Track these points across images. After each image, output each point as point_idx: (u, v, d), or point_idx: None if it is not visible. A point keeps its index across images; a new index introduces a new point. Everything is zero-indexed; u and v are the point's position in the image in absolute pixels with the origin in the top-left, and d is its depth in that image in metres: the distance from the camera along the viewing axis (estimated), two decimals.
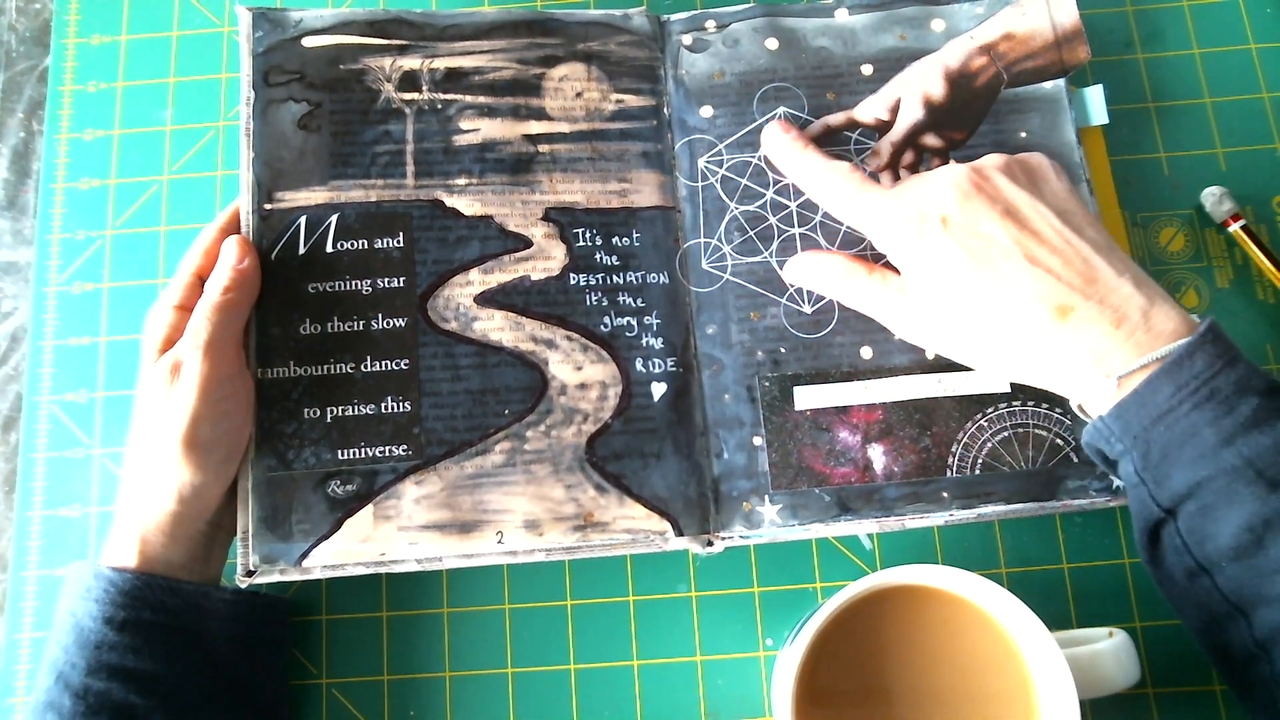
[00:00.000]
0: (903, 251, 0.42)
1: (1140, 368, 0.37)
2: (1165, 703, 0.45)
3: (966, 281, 0.40)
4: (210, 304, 0.42)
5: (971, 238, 0.40)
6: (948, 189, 0.41)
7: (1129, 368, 0.37)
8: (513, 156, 0.48)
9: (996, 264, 0.40)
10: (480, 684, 0.46)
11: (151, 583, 0.40)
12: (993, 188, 0.41)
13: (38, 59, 0.57)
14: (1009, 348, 0.40)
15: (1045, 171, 0.42)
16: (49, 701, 0.39)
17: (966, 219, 0.40)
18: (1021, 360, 0.41)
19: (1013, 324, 0.39)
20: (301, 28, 0.48)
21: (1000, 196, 0.41)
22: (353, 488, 0.44)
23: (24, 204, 0.55)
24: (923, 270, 0.41)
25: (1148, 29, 0.54)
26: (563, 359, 0.46)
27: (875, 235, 0.44)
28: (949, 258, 0.40)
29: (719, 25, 0.50)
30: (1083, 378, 0.39)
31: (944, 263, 0.41)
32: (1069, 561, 0.47)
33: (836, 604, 0.39)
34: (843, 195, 0.44)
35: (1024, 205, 0.40)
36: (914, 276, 0.42)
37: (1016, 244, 0.39)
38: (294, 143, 0.47)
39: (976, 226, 0.40)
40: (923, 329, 0.43)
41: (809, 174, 0.45)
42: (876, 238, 0.44)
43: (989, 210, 0.40)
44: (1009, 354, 0.41)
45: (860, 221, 0.44)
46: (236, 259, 0.44)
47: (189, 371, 0.41)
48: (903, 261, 0.42)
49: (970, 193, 0.41)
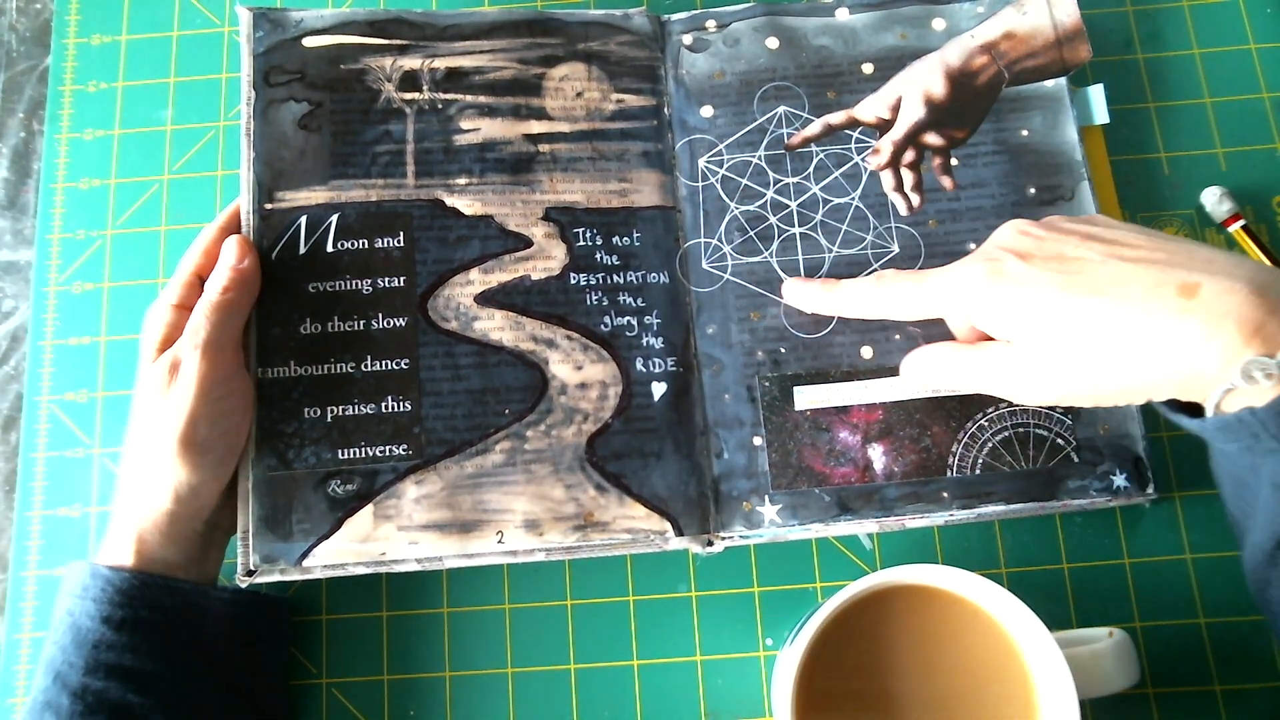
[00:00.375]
0: (987, 304, 0.39)
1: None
2: (1165, 703, 0.45)
3: (1068, 305, 0.37)
4: (210, 303, 0.42)
5: (1057, 263, 0.38)
6: (1014, 235, 0.40)
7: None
8: (513, 156, 0.48)
9: (1094, 275, 0.37)
10: (480, 684, 0.46)
11: (150, 582, 0.40)
12: (1063, 225, 0.39)
13: (38, 59, 0.57)
14: (1137, 357, 0.36)
15: (1108, 220, 0.40)
16: (46, 701, 0.38)
17: (1046, 250, 0.38)
18: (1154, 366, 0.35)
19: (1137, 328, 0.35)
20: (302, 28, 0.48)
21: (1073, 229, 0.39)
22: (353, 487, 0.44)
23: (24, 204, 0.55)
24: (1016, 312, 0.38)
25: (1148, 29, 0.54)
26: (563, 358, 0.46)
27: (953, 308, 0.41)
28: (1040, 286, 0.38)
29: (719, 25, 0.50)
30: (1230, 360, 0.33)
31: (1037, 294, 0.38)
32: (1069, 561, 0.47)
33: (836, 604, 0.39)
34: (903, 293, 0.42)
35: (1098, 230, 0.39)
36: (1010, 325, 0.39)
37: (1109, 254, 0.37)
38: (294, 142, 0.47)
39: (1060, 253, 0.38)
40: (1042, 381, 0.39)
41: (857, 299, 0.44)
42: (955, 310, 0.41)
43: (1066, 239, 0.38)
44: (1138, 365, 0.36)
45: (932, 304, 0.42)
46: (236, 259, 0.44)
47: (187, 371, 0.41)
48: (992, 315, 0.39)
49: (1041, 233, 0.39)
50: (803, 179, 0.49)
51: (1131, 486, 0.45)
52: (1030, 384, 0.39)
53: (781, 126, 0.49)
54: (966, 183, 0.48)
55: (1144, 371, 0.36)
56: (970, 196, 0.48)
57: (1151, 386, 0.36)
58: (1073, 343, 0.37)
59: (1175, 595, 0.46)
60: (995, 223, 0.47)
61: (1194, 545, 0.47)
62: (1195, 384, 0.35)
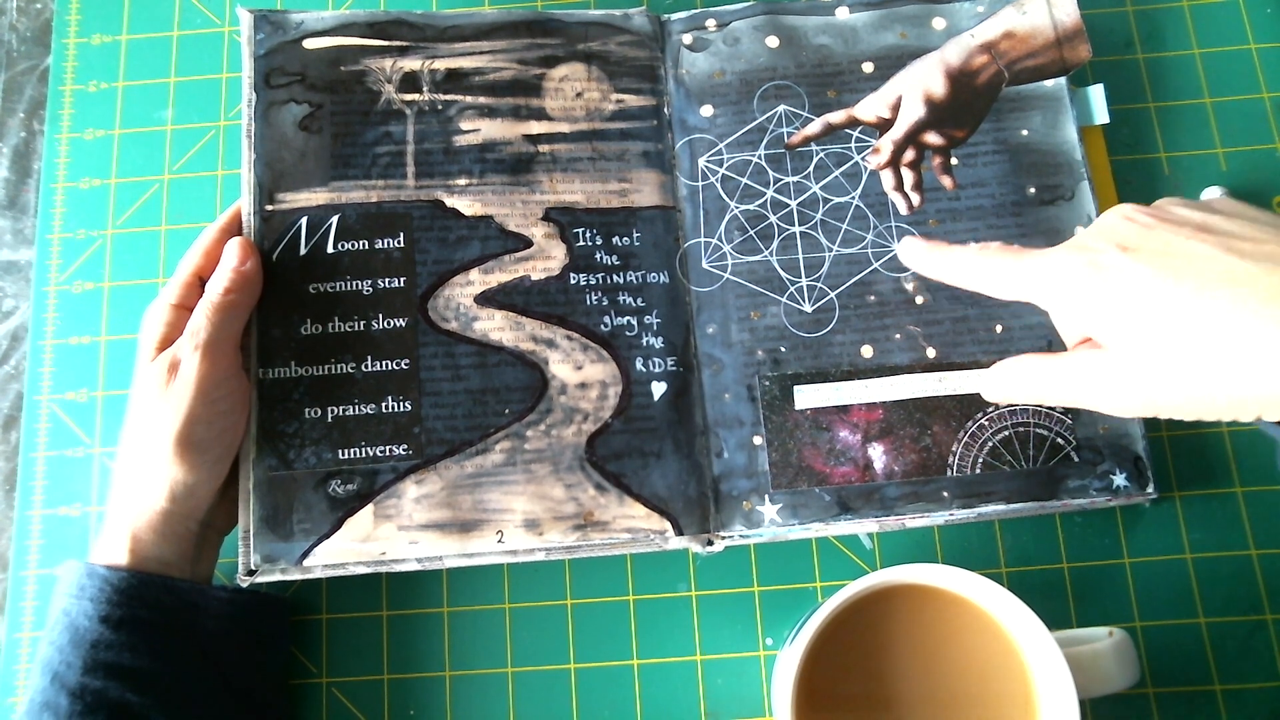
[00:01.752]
0: (1082, 301, 0.36)
1: None
2: (1165, 703, 0.45)
3: (1173, 306, 0.33)
4: (210, 304, 0.42)
5: (1164, 257, 0.34)
6: (1119, 222, 0.36)
7: None
8: (513, 156, 0.48)
9: (1205, 273, 0.33)
10: (480, 683, 0.47)
11: (147, 580, 0.40)
12: (1175, 212, 0.35)
13: (38, 59, 0.57)
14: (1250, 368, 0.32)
15: (1230, 201, 0.36)
16: (44, 701, 0.38)
17: (1152, 243, 0.34)
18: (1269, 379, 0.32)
19: (1248, 336, 0.31)
20: (302, 29, 0.48)
21: (1185, 219, 0.35)
22: (353, 487, 0.44)
23: (25, 203, 0.55)
24: (1113, 311, 0.35)
25: (1148, 29, 0.54)
26: (563, 358, 0.46)
27: (1046, 299, 0.37)
28: (1143, 283, 0.34)
29: (719, 24, 0.50)
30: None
31: (1140, 291, 0.34)
32: (1069, 561, 0.47)
33: (836, 603, 0.39)
34: (999, 271, 0.39)
35: (1215, 220, 0.34)
36: (1106, 325, 0.35)
37: (1222, 249, 0.33)
38: (295, 144, 0.47)
39: (1167, 247, 0.34)
40: (1140, 390, 0.35)
41: (956, 267, 0.41)
42: (1050, 300, 0.38)
43: (1176, 231, 0.34)
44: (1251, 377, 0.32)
45: (1026, 290, 0.39)
46: (238, 261, 0.44)
47: (186, 370, 0.41)
48: (1087, 313, 0.36)
49: (1148, 221, 0.35)
50: (803, 178, 0.49)
51: (1131, 486, 0.45)
52: (1126, 393, 0.35)
53: (781, 125, 0.49)
54: (966, 182, 0.48)
55: (1257, 384, 0.32)
56: (970, 196, 0.48)
57: (1262, 401, 0.32)
58: (1177, 348, 0.33)
59: (1175, 595, 0.46)
60: (995, 222, 0.47)
61: (1194, 545, 0.47)
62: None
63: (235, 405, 0.43)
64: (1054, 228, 0.47)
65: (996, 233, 0.47)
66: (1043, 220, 0.47)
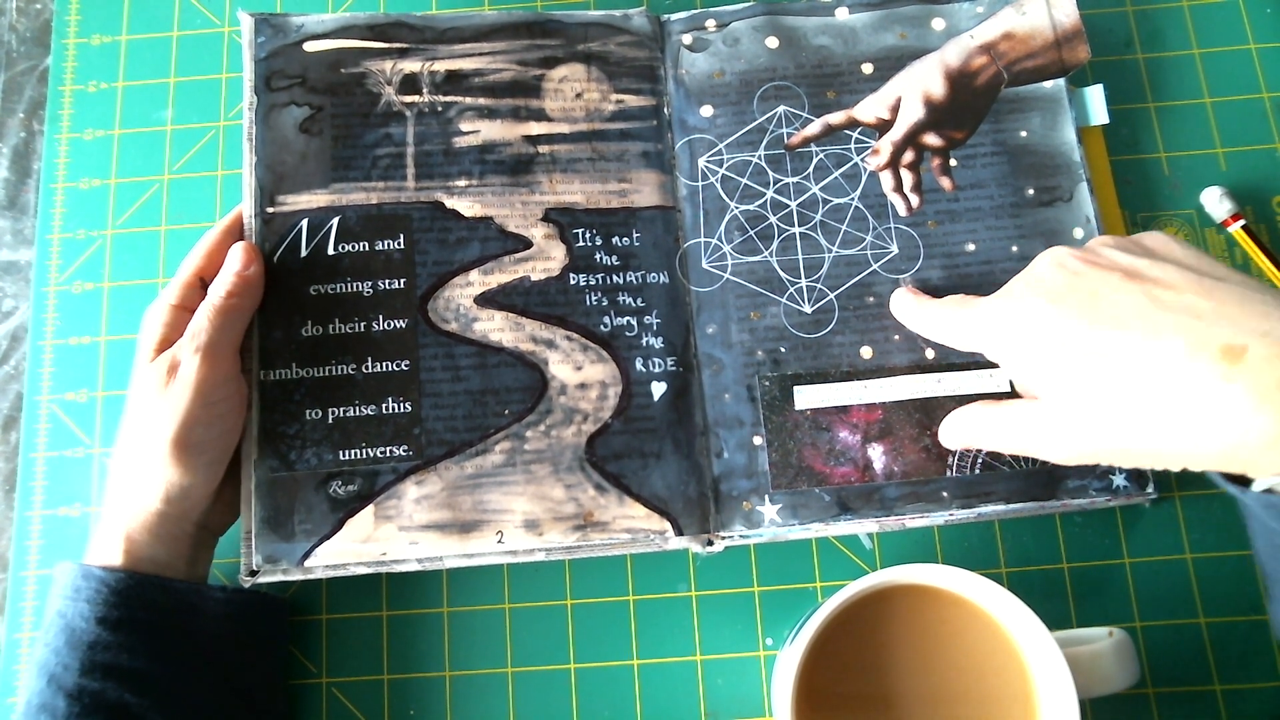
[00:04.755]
0: (1010, 351, 0.37)
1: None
2: (1165, 703, 0.45)
3: (1096, 361, 0.34)
4: (212, 307, 0.42)
5: (1090, 308, 0.34)
6: (1048, 270, 0.36)
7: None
8: (513, 158, 0.48)
9: (1129, 325, 0.33)
10: (480, 684, 0.47)
11: (144, 581, 0.40)
12: (1104, 258, 0.36)
13: (38, 59, 0.57)
14: (1173, 423, 0.32)
15: (1163, 242, 0.36)
16: (42, 704, 0.38)
17: (1078, 292, 0.35)
18: (1192, 434, 0.32)
19: (1172, 391, 0.32)
20: (303, 32, 0.48)
21: (1116, 264, 0.35)
22: (354, 488, 0.44)
23: (24, 204, 0.55)
24: (1040, 363, 0.36)
25: (1148, 29, 0.54)
26: (562, 359, 0.46)
27: (989, 345, 0.39)
28: (1066, 335, 0.35)
29: (719, 24, 0.50)
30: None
31: (1062, 343, 0.35)
32: (1069, 561, 0.47)
33: (836, 604, 0.39)
34: (949, 318, 0.41)
35: (1142, 265, 0.34)
36: (1034, 377, 0.36)
37: (1148, 299, 0.33)
38: (296, 147, 0.47)
39: (1093, 296, 0.34)
40: (1072, 439, 0.36)
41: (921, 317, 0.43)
42: (990, 348, 0.39)
43: (1106, 276, 0.35)
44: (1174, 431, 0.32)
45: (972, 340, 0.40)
46: (242, 265, 0.44)
47: (186, 372, 0.41)
48: (1015, 365, 0.37)
49: (1077, 268, 0.36)
50: (802, 179, 0.49)
51: (1131, 486, 0.45)
52: (1060, 442, 0.36)
53: (781, 126, 0.49)
54: (965, 183, 0.48)
55: (1181, 438, 0.32)
56: (969, 197, 0.48)
57: (1189, 455, 0.32)
58: (1102, 402, 0.34)
59: (1175, 595, 0.46)
60: (994, 223, 0.47)
61: (1194, 545, 0.47)
62: (1239, 457, 0.31)
63: (233, 408, 0.43)
64: (1053, 229, 0.47)
65: (995, 234, 0.47)
66: (1041, 221, 0.48)
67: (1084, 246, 0.37)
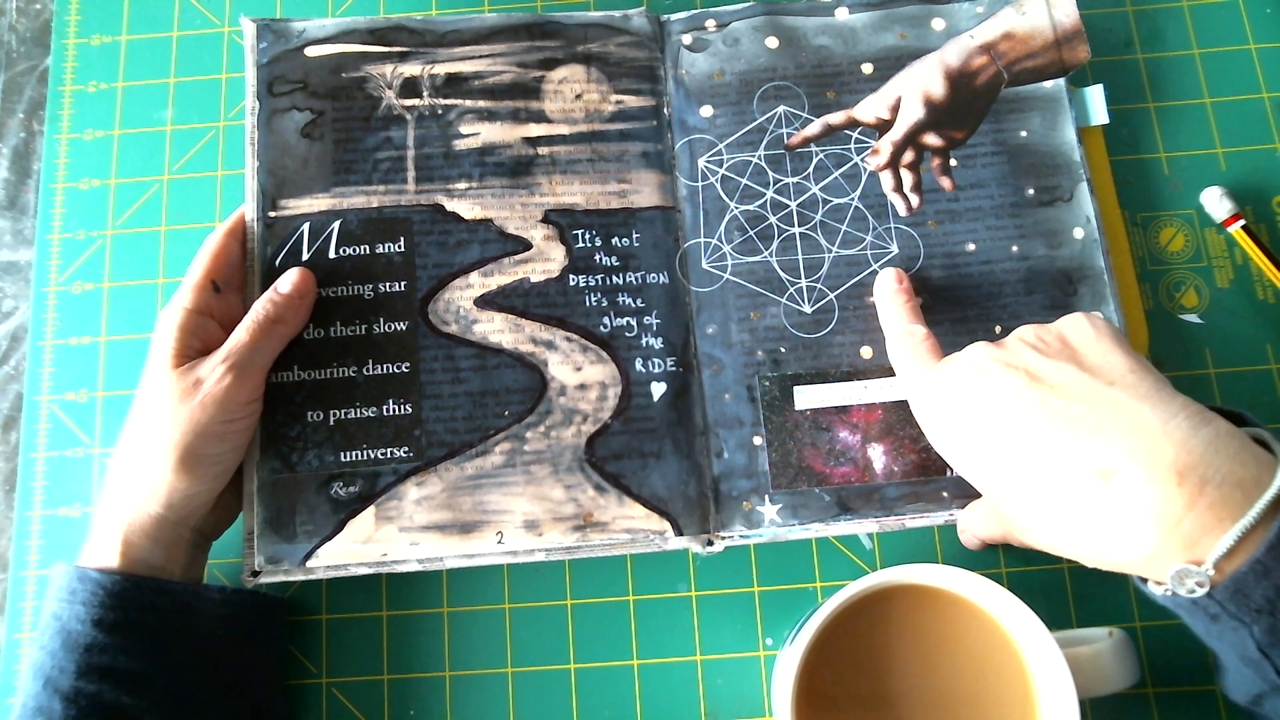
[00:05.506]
0: (932, 433, 0.40)
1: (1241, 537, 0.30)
2: (1165, 703, 0.45)
3: (997, 462, 0.36)
4: (256, 324, 0.43)
5: (991, 413, 0.36)
6: (966, 367, 0.38)
7: (1226, 544, 0.30)
8: (512, 159, 0.48)
9: (1019, 431, 0.35)
10: (480, 684, 0.47)
11: (141, 583, 0.40)
12: (1013, 356, 0.37)
13: (38, 59, 0.57)
14: (1072, 534, 0.35)
15: (1080, 332, 0.37)
16: (38, 707, 0.38)
17: (986, 392, 0.37)
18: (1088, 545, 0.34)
19: (1058, 503, 0.34)
20: (304, 38, 0.48)
21: (1021, 362, 0.37)
22: (355, 489, 0.44)
23: (24, 204, 0.55)
24: (954, 456, 0.39)
25: (1148, 29, 0.54)
26: (562, 360, 0.46)
27: (914, 411, 0.42)
28: (969, 436, 0.37)
29: (719, 24, 0.50)
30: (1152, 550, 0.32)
31: (967, 443, 0.37)
32: (1069, 561, 0.47)
33: (836, 604, 0.39)
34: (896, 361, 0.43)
35: (1046, 368, 0.36)
36: (953, 461, 0.39)
37: (1041, 409, 0.35)
38: (297, 151, 0.47)
39: (997, 398, 0.36)
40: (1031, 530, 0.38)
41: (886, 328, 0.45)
42: (916, 413, 0.41)
43: (1010, 380, 0.36)
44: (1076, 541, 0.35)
45: (906, 393, 0.43)
46: (296, 291, 0.44)
47: (214, 385, 0.41)
48: (938, 445, 0.40)
49: (991, 368, 0.37)
50: (802, 179, 0.49)
51: None
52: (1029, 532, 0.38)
53: (781, 126, 0.49)
54: (965, 183, 0.48)
55: (1074, 543, 0.35)
56: (969, 197, 0.48)
57: (1089, 559, 0.35)
58: (1007, 501, 0.37)
59: None
60: (994, 223, 0.47)
61: None
62: (1128, 567, 0.34)
63: (249, 425, 0.43)
64: (1053, 229, 0.47)
65: (995, 234, 0.47)
66: (1041, 221, 0.48)
67: (1004, 340, 0.39)
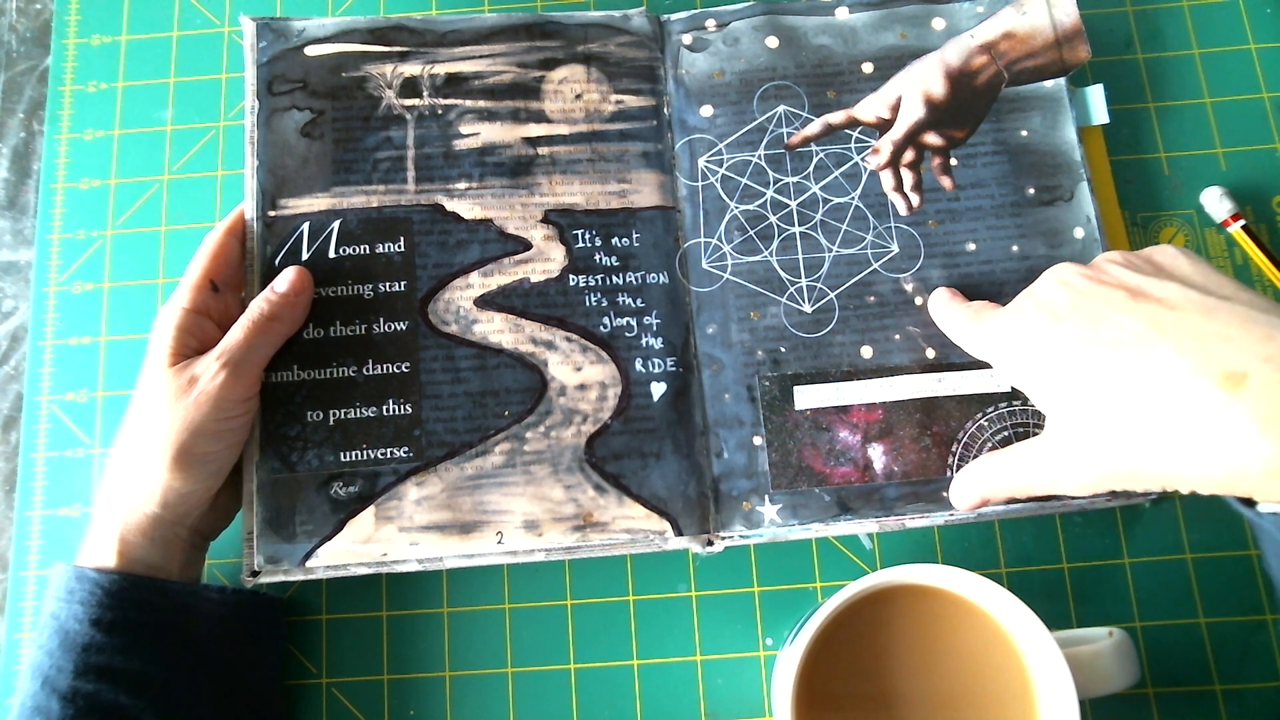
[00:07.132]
0: (1021, 367, 0.37)
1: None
2: (1165, 703, 0.45)
3: (1097, 384, 0.34)
4: (252, 323, 0.42)
5: (1093, 327, 0.34)
6: (1053, 287, 0.37)
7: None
8: (512, 159, 0.48)
9: (1131, 347, 0.33)
10: (480, 684, 0.47)
11: (139, 583, 0.40)
12: (1110, 275, 0.36)
13: (38, 59, 0.57)
14: (1176, 447, 0.32)
15: (1172, 258, 0.36)
16: (35, 706, 0.38)
17: (1082, 311, 0.35)
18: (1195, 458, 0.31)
19: (1174, 416, 0.32)
20: (304, 37, 0.48)
21: (1122, 282, 0.35)
22: (355, 489, 0.44)
23: (24, 204, 0.55)
24: (1048, 381, 0.36)
25: (1148, 29, 0.54)
26: (562, 360, 0.46)
27: (996, 360, 0.39)
28: (1067, 357, 0.35)
29: (719, 24, 0.50)
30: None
31: (1067, 362, 0.35)
32: (1069, 561, 0.47)
33: (836, 604, 0.39)
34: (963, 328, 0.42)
35: (1148, 284, 0.34)
36: (1045, 394, 0.36)
37: (1150, 320, 0.33)
38: (297, 150, 0.47)
39: (1096, 313, 0.34)
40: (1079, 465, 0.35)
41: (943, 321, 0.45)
42: (997, 363, 0.39)
43: (1110, 295, 0.34)
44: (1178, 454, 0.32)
45: (983, 351, 0.41)
46: (293, 290, 0.44)
47: (209, 383, 0.41)
48: (1027, 381, 0.37)
49: (1082, 286, 0.36)
50: (803, 178, 0.49)
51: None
52: (1071, 472, 0.36)
53: (781, 126, 0.49)
54: (966, 183, 0.48)
55: (1184, 462, 0.32)
56: (969, 196, 0.48)
57: (1194, 479, 0.32)
58: (1106, 423, 0.34)
59: (1175, 595, 0.46)
60: (995, 223, 0.47)
61: (1194, 545, 0.47)
62: (1243, 483, 0.31)
63: (245, 424, 0.43)
64: (1053, 228, 0.47)
65: (995, 234, 0.47)
66: (1042, 221, 0.48)
67: (1091, 263, 0.37)
